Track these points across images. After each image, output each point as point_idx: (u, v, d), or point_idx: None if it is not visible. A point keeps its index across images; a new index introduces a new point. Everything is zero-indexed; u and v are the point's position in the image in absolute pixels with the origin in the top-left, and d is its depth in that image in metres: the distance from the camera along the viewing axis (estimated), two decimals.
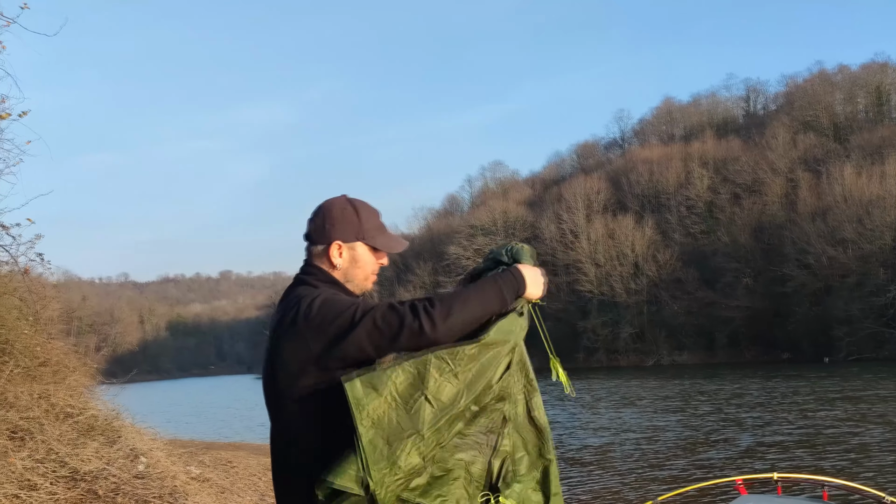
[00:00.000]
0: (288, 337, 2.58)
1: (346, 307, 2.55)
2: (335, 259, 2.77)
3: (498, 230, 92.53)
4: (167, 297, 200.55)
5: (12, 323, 11.49)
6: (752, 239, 72.19)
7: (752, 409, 27.41)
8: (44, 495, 7.98)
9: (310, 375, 2.54)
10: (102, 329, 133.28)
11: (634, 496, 13.42)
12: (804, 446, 18.19)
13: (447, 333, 2.52)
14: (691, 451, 18.66)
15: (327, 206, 2.84)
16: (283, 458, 2.65)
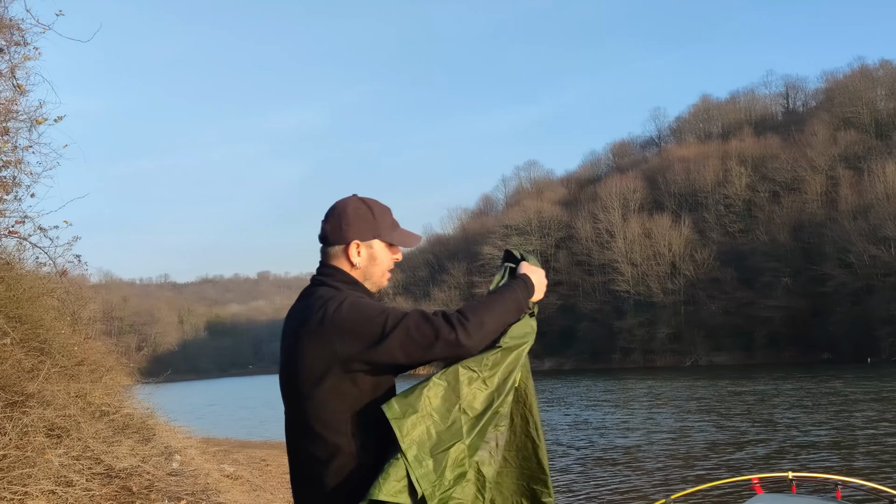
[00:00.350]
0: (313, 338, 2.62)
1: (376, 313, 2.59)
2: (354, 258, 2.82)
3: (532, 230, 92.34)
4: (206, 297, 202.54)
5: (50, 323, 11.73)
6: (792, 238, 71.33)
7: (787, 409, 27.11)
8: (79, 491, 8.14)
9: (334, 377, 2.59)
10: (142, 329, 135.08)
11: (654, 494, 13.38)
12: (837, 447, 17.97)
13: (479, 344, 2.62)
14: (719, 452, 18.53)
15: (341, 206, 2.88)
16: (302, 455, 2.71)
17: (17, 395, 8.58)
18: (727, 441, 20.24)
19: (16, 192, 10.57)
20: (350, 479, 2.62)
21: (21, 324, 10.71)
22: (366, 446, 2.61)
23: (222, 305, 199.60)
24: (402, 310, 2.63)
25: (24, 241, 11.26)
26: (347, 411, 2.61)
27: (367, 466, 2.60)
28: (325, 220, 2.88)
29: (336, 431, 2.61)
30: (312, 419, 2.63)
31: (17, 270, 11.39)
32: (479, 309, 2.67)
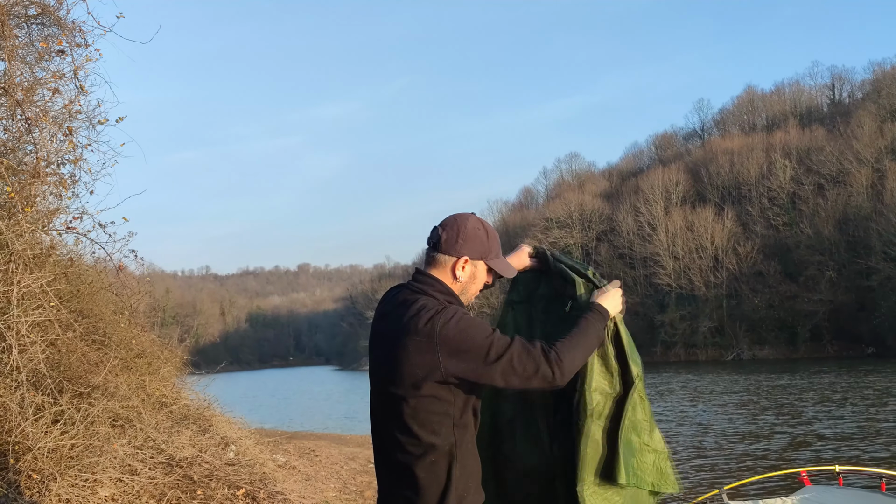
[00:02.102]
0: (419, 348, 2.82)
1: (483, 339, 2.82)
2: (459, 272, 3.02)
3: (574, 223, 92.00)
4: (247, 289, 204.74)
5: (109, 317, 12.09)
6: (837, 231, 70.35)
7: (828, 403, 26.91)
8: (144, 480, 8.44)
9: (434, 385, 2.82)
10: (185, 321, 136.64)
11: (698, 487, 13.46)
12: (880, 441, 17.88)
13: (568, 379, 2.92)
14: (760, 444, 18.54)
15: (462, 221, 3.08)
16: (395, 449, 2.90)
17: (83, 386, 8.90)
18: (763, 433, 20.22)
19: (74, 188, 10.88)
20: (440, 474, 2.84)
21: (83, 317, 11.06)
22: (457, 446, 2.83)
23: (263, 297, 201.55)
24: (506, 338, 2.85)
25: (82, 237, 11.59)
26: (443, 414, 2.83)
27: (456, 464, 2.82)
28: (443, 228, 3.06)
29: (431, 432, 2.83)
30: (409, 418, 2.84)
31: (79, 266, 11.74)
32: (572, 349, 2.93)
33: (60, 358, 8.91)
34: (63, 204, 10.97)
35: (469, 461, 2.91)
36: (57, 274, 10.17)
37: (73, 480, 7.34)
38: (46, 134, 10.34)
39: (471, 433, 2.93)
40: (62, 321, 9.69)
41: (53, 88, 10.29)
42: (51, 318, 9.23)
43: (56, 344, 9.12)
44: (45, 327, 9.20)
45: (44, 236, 10.77)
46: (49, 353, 8.83)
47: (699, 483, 14.27)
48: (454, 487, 2.83)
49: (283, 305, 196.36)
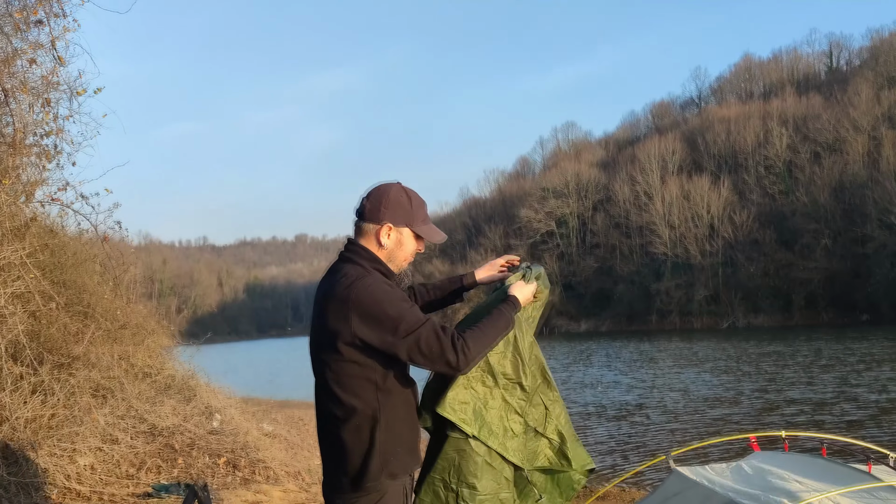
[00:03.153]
0: (335, 311, 2.91)
1: (396, 311, 2.88)
2: (384, 239, 3.08)
3: (570, 193, 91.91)
4: (245, 260, 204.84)
5: (93, 288, 12.10)
6: (833, 199, 70.29)
7: (811, 369, 27.05)
8: (124, 448, 8.51)
9: (349, 348, 2.89)
10: (183, 291, 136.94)
11: (656, 450, 13.59)
12: (838, 406, 18.04)
13: (471, 368, 3.01)
14: (729, 409, 18.69)
15: (384, 189, 3.14)
16: (324, 413, 2.99)
17: (64, 357, 8.94)
18: (738, 399, 20.39)
19: (58, 160, 10.85)
20: (364, 438, 2.90)
21: (66, 288, 11.08)
22: (381, 410, 2.88)
23: (261, 268, 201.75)
24: (418, 317, 2.89)
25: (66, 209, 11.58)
26: (364, 378, 2.89)
27: (380, 428, 2.87)
28: (367, 198, 3.13)
29: (354, 396, 2.89)
30: (333, 383, 2.91)
31: (61, 237, 11.73)
32: (480, 338, 2.99)
33: (41, 329, 8.93)
34: (46, 175, 10.95)
35: (398, 426, 2.95)
36: (38, 245, 10.15)
37: (51, 450, 7.40)
38: (25, 105, 10.31)
39: (400, 399, 2.96)
40: (43, 292, 9.70)
41: (31, 59, 10.24)
42: (31, 289, 9.24)
43: (37, 315, 9.14)
44: (26, 298, 9.22)
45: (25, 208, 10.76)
46: (29, 324, 8.85)
47: (651, 448, 14.37)
48: (378, 451, 2.88)
49: (281, 276, 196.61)
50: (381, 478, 2.90)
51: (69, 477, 7.22)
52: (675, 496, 3.71)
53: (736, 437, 4.61)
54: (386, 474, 2.92)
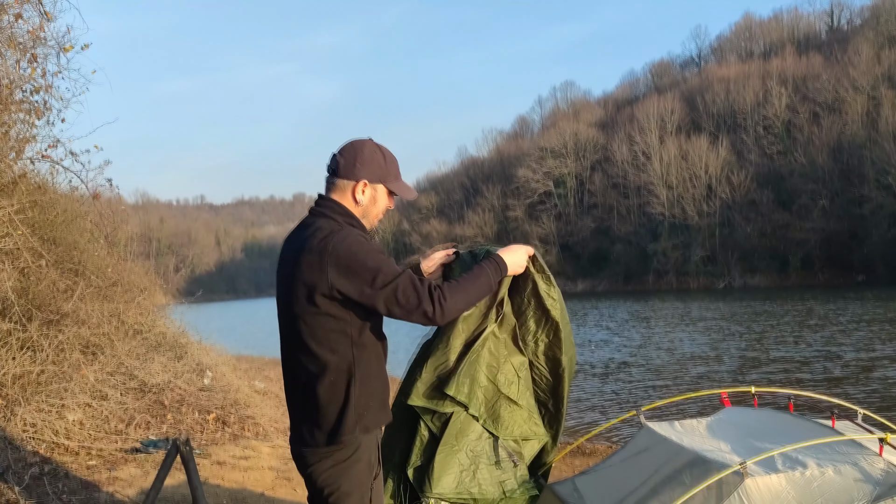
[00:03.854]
0: (312, 265, 2.89)
1: (372, 265, 2.88)
2: (359, 196, 3.08)
3: (568, 152, 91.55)
4: (242, 219, 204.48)
5: (84, 245, 12.10)
6: (831, 159, 70.04)
7: (800, 329, 27.18)
8: (113, 404, 8.58)
9: (326, 301, 2.89)
10: (181, 250, 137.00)
11: (630, 406, 13.72)
12: (832, 365, 18.16)
13: (448, 320, 3.05)
14: (708, 367, 18.82)
15: (359, 146, 3.13)
16: (297, 368, 2.98)
17: (52, 313, 8.96)
18: (721, 358, 20.53)
19: (47, 116, 10.80)
20: (338, 392, 2.91)
21: (56, 246, 11.08)
22: (356, 364, 2.90)
23: (259, 227, 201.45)
24: (395, 269, 2.90)
25: (56, 165, 11.54)
26: (339, 332, 2.89)
27: (355, 382, 2.89)
28: (340, 154, 3.11)
29: (329, 350, 2.89)
30: (307, 337, 2.90)
31: (51, 194, 11.71)
32: (458, 292, 3.00)
33: (29, 285, 8.95)
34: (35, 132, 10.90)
35: (371, 380, 2.97)
36: (27, 202, 10.15)
37: (39, 405, 7.45)
38: (11, 61, 10.23)
39: (373, 353, 2.98)
40: (32, 249, 9.70)
41: (17, 14, 10.14)
42: (20, 245, 9.25)
43: (25, 272, 9.16)
44: (15, 255, 9.23)
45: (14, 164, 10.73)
46: (17, 280, 8.87)
47: (625, 405, 14.48)
48: (353, 405, 2.89)
49: (279, 235, 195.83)
50: (356, 432, 2.93)
51: (57, 432, 7.29)
52: (644, 451, 3.76)
53: (707, 392, 4.67)
54: (361, 428, 2.94)
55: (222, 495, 6.89)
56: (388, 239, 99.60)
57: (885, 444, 3.07)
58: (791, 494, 2.93)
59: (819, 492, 2.92)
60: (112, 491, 6.47)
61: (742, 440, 3.53)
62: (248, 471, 7.82)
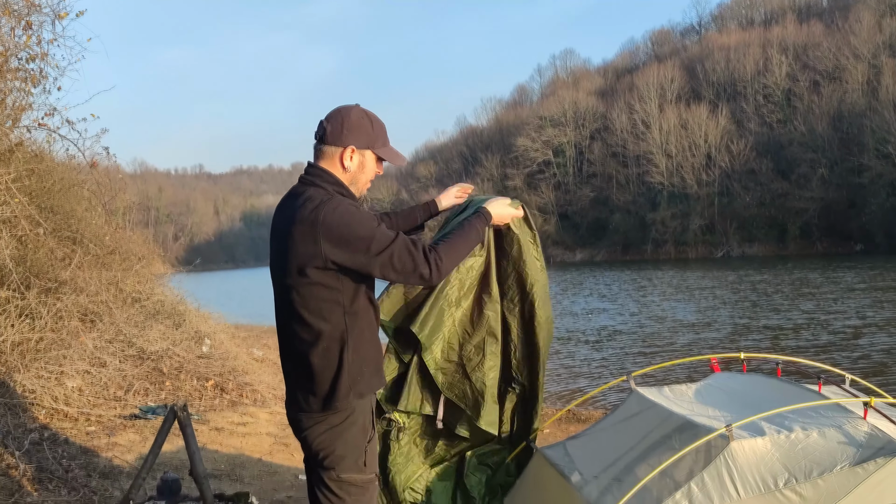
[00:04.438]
0: (304, 235, 2.90)
1: (366, 232, 2.90)
2: (346, 162, 3.07)
3: (567, 121, 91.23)
4: (241, 188, 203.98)
5: (82, 214, 12.11)
6: (831, 128, 69.84)
7: (794, 297, 27.25)
8: (112, 371, 8.64)
9: (318, 271, 2.91)
10: (179, 219, 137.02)
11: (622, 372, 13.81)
12: (821, 332, 18.27)
13: (443, 278, 3.06)
14: (704, 335, 18.88)
15: (345, 111, 3.12)
16: (292, 337, 3.01)
17: (50, 281, 9.00)
18: (714, 325, 20.61)
19: (43, 84, 10.76)
20: (332, 360, 2.95)
21: (53, 214, 11.10)
22: (349, 332, 2.94)
23: (257, 196, 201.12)
24: (389, 234, 2.92)
25: (53, 134, 11.51)
26: (332, 301, 2.91)
27: (348, 349, 2.93)
28: (327, 121, 3.10)
29: (322, 319, 2.92)
30: (300, 307, 2.93)
31: (48, 163, 11.71)
32: (452, 251, 3.06)
33: (27, 253, 8.98)
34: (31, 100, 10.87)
35: (364, 347, 3.01)
36: (24, 170, 10.14)
37: (38, 372, 7.51)
38: (6, 28, 10.19)
39: (365, 320, 3.01)
40: (30, 217, 9.72)
41: None
42: (17, 214, 9.26)
43: (23, 240, 9.18)
44: (12, 223, 9.25)
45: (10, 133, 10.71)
46: (15, 248, 8.90)
47: (615, 371, 14.56)
48: (346, 372, 2.93)
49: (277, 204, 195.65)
50: (350, 397, 2.97)
51: (56, 399, 7.35)
52: (634, 416, 3.81)
53: (696, 358, 4.72)
54: (355, 394, 2.98)
55: (220, 460, 6.97)
56: (385, 209, 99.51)
57: (870, 407, 3.12)
58: (776, 457, 2.98)
59: (803, 454, 2.97)
60: (111, 456, 6.55)
61: (730, 405, 3.58)
62: (246, 436, 7.90)
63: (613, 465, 3.47)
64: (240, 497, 5.52)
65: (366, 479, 3.06)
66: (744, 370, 4.10)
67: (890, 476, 2.85)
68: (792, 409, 3.20)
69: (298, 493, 6.04)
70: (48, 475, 5.72)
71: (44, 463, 5.87)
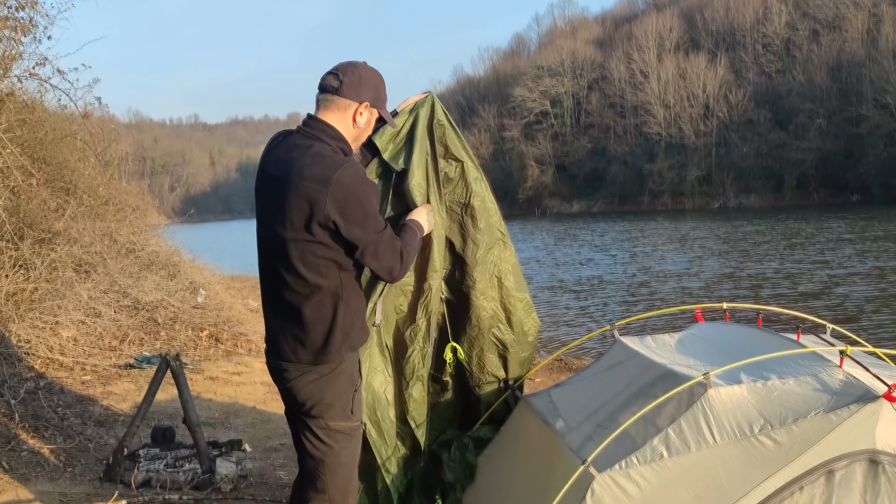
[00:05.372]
0: (308, 192, 2.86)
1: (371, 208, 2.95)
2: (358, 118, 3.06)
3: (565, 71, 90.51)
4: (236, 138, 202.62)
5: (75, 164, 12.09)
6: (829, 78, 69.46)
7: (782, 248, 27.37)
8: (107, 322, 8.71)
9: (319, 228, 2.90)
10: (175, 170, 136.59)
11: (605, 322, 13.91)
12: (807, 281, 18.41)
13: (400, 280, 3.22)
14: (690, 285, 19.00)
15: (361, 66, 3.10)
16: (283, 289, 3.02)
17: (44, 232, 9.03)
18: (700, 275, 20.75)
19: (33, 33, 10.67)
20: (326, 313, 2.99)
21: (46, 165, 11.08)
22: (343, 287, 2.98)
23: (253, 147, 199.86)
24: (382, 220, 3.01)
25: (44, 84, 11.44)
26: (329, 259, 2.94)
27: (342, 303, 2.97)
28: (342, 73, 3.04)
29: (318, 275, 2.94)
30: (296, 261, 2.94)
31: (40, 113, 11.65)
32: (409, 252, 3.17)
33: (20, 204, 9.00)
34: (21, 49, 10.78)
35: (354, 300, 3.05)
36: (15, 121, 10.10)
37: (33, 322, 7.57)
38: None
39: (356, 275, 3.06)
40: (22, 168, 9.71)
41: None
42: (9, 164, 9.25)
43: (16, 191, 9.19)
44: (5, 174, 9.24)
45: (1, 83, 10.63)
46: (8, 199, 8.91)
47: (599, 321, 14.67)
48: (339, 325, 2.98)
49: None
50: (343, 350, 3.02)
51: (52, 348, 7.43)
52: (617, 365, 3.87)
53: (680, 308, 4.78)
54: (347, 347, 3.04)
55: (215, 409, 7.07)
56: None
57: (846, 356, 3.17)
58: (752, 403, 3.04)
59: (779, 401, 3.03)
60: (106, 405, 6.64)
61: (710, 354, 3.64)
62: (240, 385, 8.00)
63: (596, 414, 3.54)
64: (233, 444, 5.62)
65: (353, 427, 3.13)
66: (726, 320, 4.16)
67: (863, 422, 2.91)
68: (770, 358, 3.25)
69: (291, 440, 6.13)
70: (44, 423, 5.81)
71: (39, 411, 5.96)
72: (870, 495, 2.94)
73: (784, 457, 2.93)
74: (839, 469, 2.93)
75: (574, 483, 3.03)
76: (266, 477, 5.36)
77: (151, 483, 5.02)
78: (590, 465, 3.04)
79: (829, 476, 2.93)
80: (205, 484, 4.98)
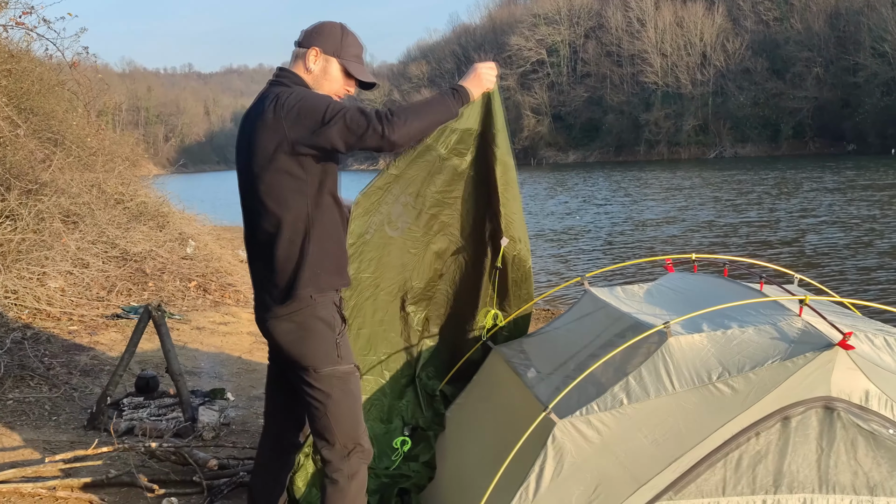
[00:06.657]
0: (267, 126, 2.96)
1: (319, 104, 2.95)
2: (310, 63, 3.16)
3: (562, 19, 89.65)
4: (231, 88, 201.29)
5: (62, 115, 12.03)
6: (827, 26, 68.87)
7: (767, 196, 27.40)
8: (95, 272, 8.76)
9: (283, 158, 2.96)
10: (169, 120, 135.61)
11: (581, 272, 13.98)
12: (785, 230, 18.51)
13: (403, 140, 2.99)
14: (669, 234, 19.04)
15: (324, 22, 3.26)
16: (256, 231, 3.08)
17: (31, 183, 9.04)
18: (678, 224, 20.82)
19: None
20: (294, 251, 3.02)
21: (33, 115, 11.04)
22: (312, 224, 3.01)
23: (248, 97, 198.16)
24: (341, 103, 3.00)
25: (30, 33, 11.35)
26: (296, 191, 2.98)
27: (310, 241, 3.01)
28: (308, 28, 3.26)
29: (286, 208, 2.99)
30: (264, 195, 3.00)
31: (26, 63, 11.57)
32: (409, 112, 3.01)
33: (6, 155, 8.99)
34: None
35: (328, 243, 3.07)
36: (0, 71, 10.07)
37: (20, 273, 7.62)
38: None
39: (329, 216, 3.06)
40: (8, 118, 9.68)
41: None
42: None
43: (2, 142, 9.18)
44: None
45: None
46: None
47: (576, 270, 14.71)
48: (308, 263, 3.01)
49: None
50: (309, 288, 3.04)
51: (39, 299, 7.49)
52: (587, 316, 3.94)
53: (649, 259, 4.85)
54: (314, 287, 3.04)
55: (201, 358, 7.15)
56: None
57: (805, 305, 3.23)
58: (711, 352, 3.11)
59: (738, 349, 3.10)
60: (93, 355, 6.72)
61: (675, 304, 3.71)
62: (227, 335, 8.08)
63: (565, 364, 3.61)
64: (216, 393, 5.71)
65: (345, 370, 3.13)
66: (695, 270, 4.22)
67: (818, 369, 2.99)
68: (731, 307, 3.32)
69: None
70: (30, 373, 5.89)
71: (25, 361, 6.03)
72: (825, 441, 3.03)
73: (741, 403, 3.00)
74: (795, 416, 3.01)
75: (536, 429, 3.10)
76: (248, 425, 5.46)
77: (134, 431, 5.12)
78: (551, 412, 3.12)
79: (785, 422, 3.00)
80: (186, 432, 5.08)
